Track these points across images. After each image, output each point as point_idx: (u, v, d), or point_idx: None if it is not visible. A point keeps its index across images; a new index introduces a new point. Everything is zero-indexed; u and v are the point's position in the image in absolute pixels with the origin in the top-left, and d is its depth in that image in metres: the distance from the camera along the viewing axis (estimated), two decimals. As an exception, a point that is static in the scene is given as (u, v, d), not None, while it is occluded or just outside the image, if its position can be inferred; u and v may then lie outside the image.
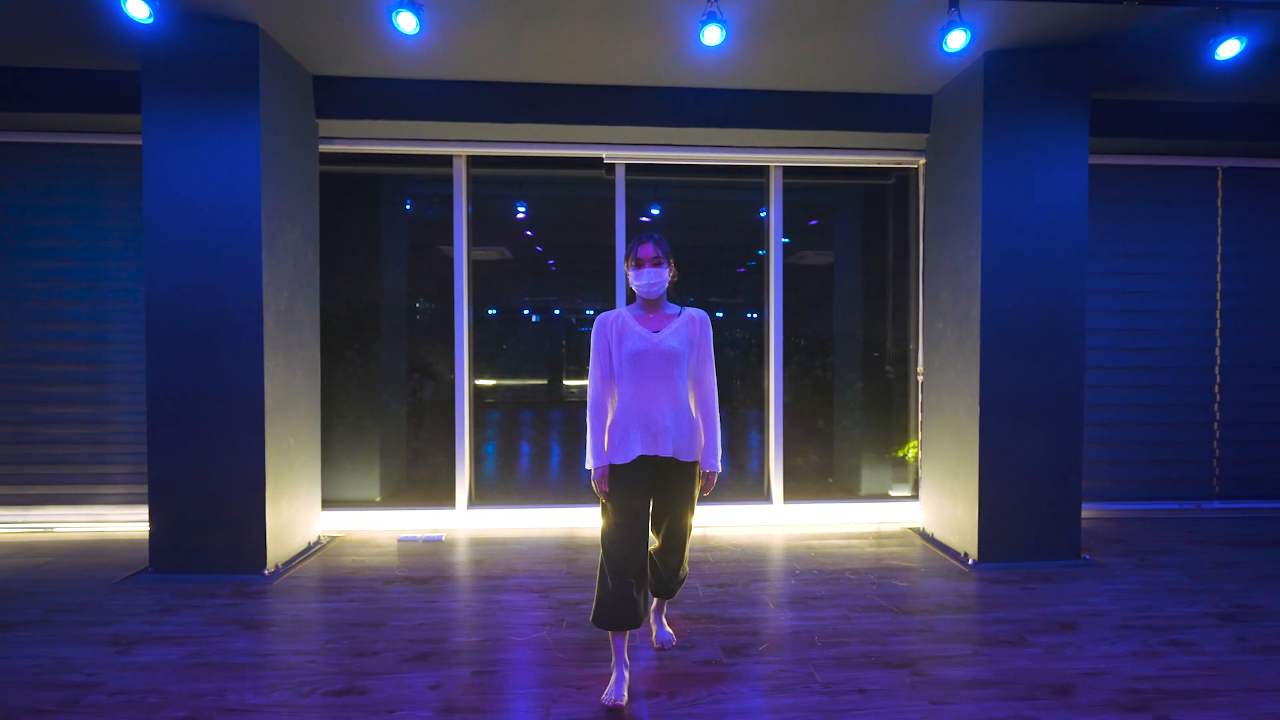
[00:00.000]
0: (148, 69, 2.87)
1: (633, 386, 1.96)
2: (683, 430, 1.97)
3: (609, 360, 2.01)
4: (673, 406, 1.96)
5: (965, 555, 3.22)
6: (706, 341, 2.07)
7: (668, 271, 2.02)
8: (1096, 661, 2.16)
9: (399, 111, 3.48)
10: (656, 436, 1.93)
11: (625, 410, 1.97)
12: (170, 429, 2.90)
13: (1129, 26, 2.86)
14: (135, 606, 2.60)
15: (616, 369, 2.00)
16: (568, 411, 4.59)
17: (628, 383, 1.97)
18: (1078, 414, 3.14)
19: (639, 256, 2.01)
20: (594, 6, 2.73)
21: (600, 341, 2.02)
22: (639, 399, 1.95)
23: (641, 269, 2.01)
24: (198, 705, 1.89)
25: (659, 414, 1.94)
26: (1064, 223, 3.11)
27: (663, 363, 1.95)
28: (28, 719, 1.81)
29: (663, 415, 1.94)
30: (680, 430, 1.97)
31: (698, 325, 2.05)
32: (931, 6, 2.72)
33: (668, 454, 1.94)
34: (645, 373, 1.95)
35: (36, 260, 3.61)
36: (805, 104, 3.60)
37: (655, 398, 1.95)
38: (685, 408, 2.00)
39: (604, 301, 4.14)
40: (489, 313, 4.21)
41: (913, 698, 1.93)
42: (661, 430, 1.94)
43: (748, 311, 4.29)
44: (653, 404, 1.94)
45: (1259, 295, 4.09)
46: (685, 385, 2.02)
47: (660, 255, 2.00)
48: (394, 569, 3.09)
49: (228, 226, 2.88)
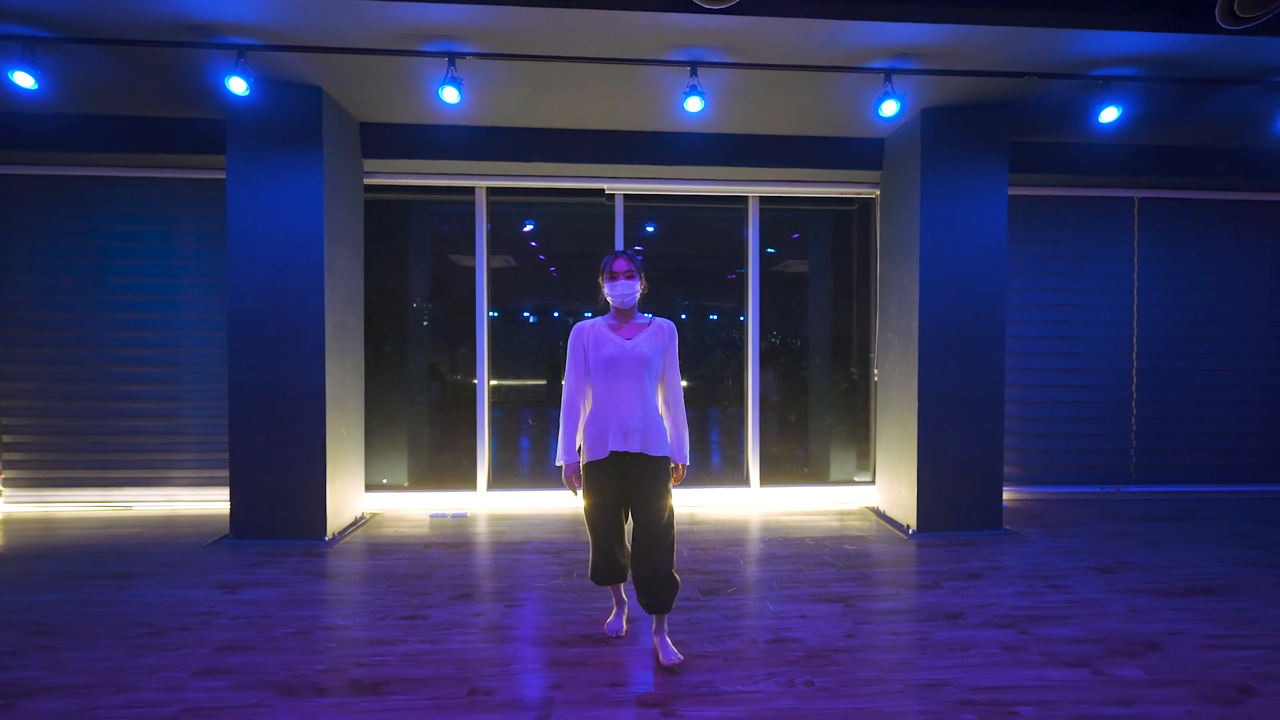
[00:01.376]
0: (231, 122, 3.48)
1: (605, 389, 2.17)
2: (650, 428, 2.16)
3: (584, 365, 2.22)
4: (642, 407, 2.16)
5: (907, 527, 3.85)
6: (673, 348, 2.27)
7: (639, 284, 2.22)
8: (988, 598, 2.79)
9: (431, 152, 4.09)
10: (627, 435, 2.13)
11: (599, 411, 2.17)
12: (248, 421, 3.52)
13: (1032, 93, 3.50)
14: (228, 562, 3.21)
15: (592, 373, 2.20)
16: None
17: (601, 385, 2.18)
18: (999, 410, 3.78)
19: (613, 270, 2.22)
20: (599, 76, 3.36)
21: (577, 348, 2.23)
22: (612, 400, 2.15)
23: (616, 281, 2.21)
24: (300, 624, 2.51)
25: (630, 414, 2.14)
26: (987, 250, 3.75)
27: (634, 367, 2.15)
28: (175, 635, 2.43)
29: (633, 416, 2.14)
30: (648, 429, 2.15)
31: (666, 333, 2.26)
32: (873, 78, 3.35)
33: (636, 450, 2.14)
34: (618, 376, 2.15)
35: (119, 276, 4.21)
36: (778, 145, 4.23)
37: (627, 399, 2.14)
38: (653, 408, 2.20)
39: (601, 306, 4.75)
40: (491, 315, 4.80)
41: (841, 621, 2.56)
42: (631, 430, 2.13)
43: (739, 314, 4.90)
44: (625, 405, 2.14)
45: (1170, 307, 4.74)
46: (654, 388, 2.23)
47: (633, 269, 2.21)
48: (430, 537, 3.70)
49: (296, 254, 3.50)
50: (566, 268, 5.06)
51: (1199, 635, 2.44)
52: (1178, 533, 3.78)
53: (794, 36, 2.95)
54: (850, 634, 2.45)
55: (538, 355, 4.99)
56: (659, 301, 4.92)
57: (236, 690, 2.03)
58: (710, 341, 4.98)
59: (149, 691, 2.03)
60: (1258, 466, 4.77)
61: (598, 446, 2.16)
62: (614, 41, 3.00)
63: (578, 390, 2.24)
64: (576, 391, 2.24)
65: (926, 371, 3.75)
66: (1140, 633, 2.46)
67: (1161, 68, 3.23)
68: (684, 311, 5.01)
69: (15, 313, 4.18)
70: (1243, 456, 4.77)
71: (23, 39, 2.91)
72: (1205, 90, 3.47)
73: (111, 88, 3.48)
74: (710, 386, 4.95)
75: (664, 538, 2.15)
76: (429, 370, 4.74)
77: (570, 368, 2.25)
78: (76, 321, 4.20)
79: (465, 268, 4.55)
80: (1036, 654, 2.29)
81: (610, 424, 2.15)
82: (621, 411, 2.14)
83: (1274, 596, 2.81)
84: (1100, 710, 1.93)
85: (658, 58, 3.14)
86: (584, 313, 5.03)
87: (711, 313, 5.00)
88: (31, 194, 4.16)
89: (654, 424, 2.18)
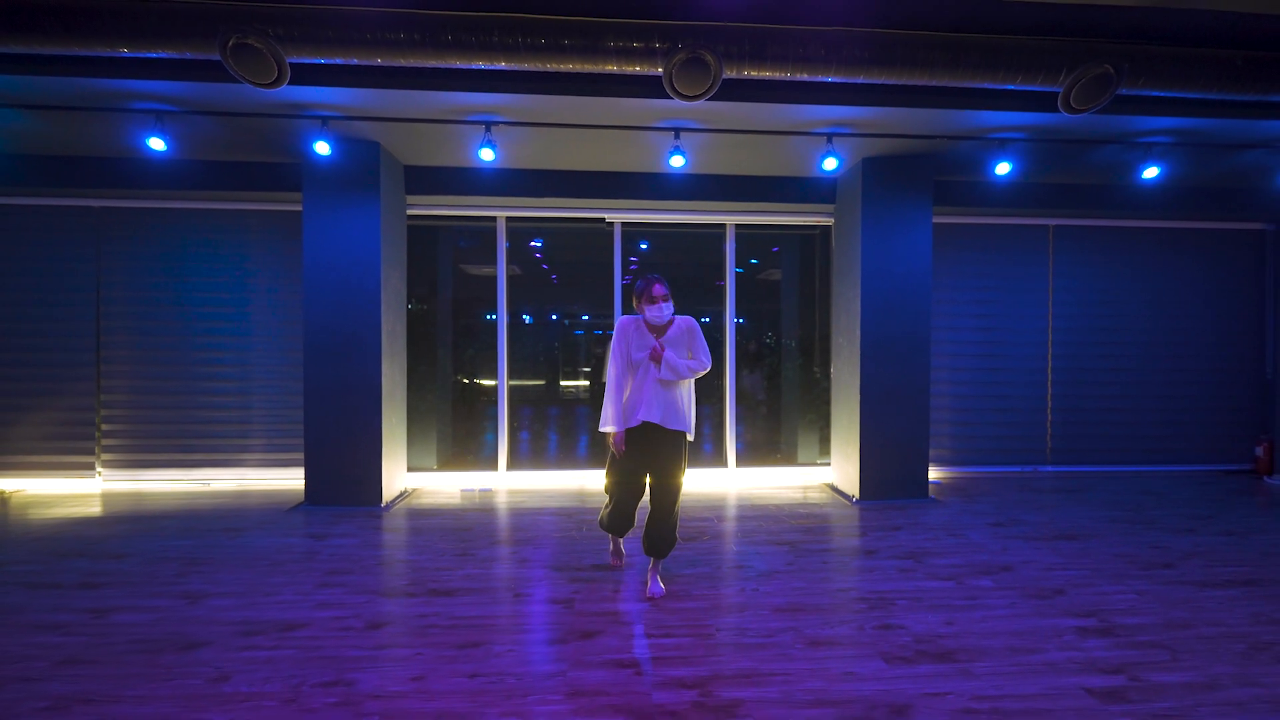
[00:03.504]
0: (306, 169, 4.33)
1: (640, 379, 2.82)
2: (669, 410, 2.80)
3: (625, 358, 2.84)
4: (665, 395, 2.80)
5: (852, 496, 4.74)
6: (697, 338, 2.85)
7: (672, 305, 2.86)
8: (899, 542, 3.67)
9: (462, 189, 4.94)
10: (652, 411, 2.78)
11: (634, 394, 2.82)
12: (320, 411, 4.36)
13: (947, 149, 4.41)
14: (310, 521, 4.06)
15: (631, 365, 2.83)
16: (563, 408, 6.06)
17: (637, 376, 2.83)
18: (925, 402, 4.67)
19: (653, 294, 2.77)
20: (602, 137, 4.22)
21: (621, 343, 2.83)
22: (645, 388, 2.80)
23: (655, 304, 2.78)
24: (381, 559, 3.36)
25: (654, 399, 2.78)
26: (915, 273, 4.64)
27: (662, 367, 2.79)
28: (290, 565, 3.27)
29: (658, 400, 2.78)
30: (669, 410, 2.80)
31: (687, 331, 2.86)
32: (818, 139, 4.23)
33: (656, 420, 2.78)
34: (649, 371, 2.80)
35: (200, 291, 5.04)
36: (749, 184, 5.11)
37: (655, 389, 2.79)
38: (674, 396, 2.81)
39: (596, 309, 5.62)
40: (487, 317, 5.59)
41: (785, 556, 3.44)
42: (654, 408, 2.78)
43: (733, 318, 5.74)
44: (652, 392, 2.79)
45: (1080, 316, 5.65)
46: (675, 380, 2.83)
47: (669, 293, 2.82)
48: (464, 505, 4.56)
49: (358, 276, 4.35)
50: (566, 276, 5.85)
51: (1044, 563, 3.33)
52: (1072, 500, 4.68)
53: (754, 114, 3.84)
54: (790, 563, 3.32)
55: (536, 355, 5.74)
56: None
57: (349, 594, 2.88)
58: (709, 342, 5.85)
59: (287, 595, 2.87)
60: (1150, 450, 5.69)
61: (632, 418, 2.81)
62: (615, 116, 3.87)
63: (622, 375, 2.84)
64: (621, 376, 2.84)
65: (867, 371, 4.64)
66: (1001, 561, 3.34)
67: (1040, 133, 4.14)
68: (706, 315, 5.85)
69: (114, 322, 5.00)
70: (1138, 442, 5.68)
71: (156, 112, 3.75)
72: (1082, 148, 4.38)
73: (211, 142, 4.32)
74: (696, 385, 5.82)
75: (674, 510, 2.83)
76: (453, 370, 5.59)
77: (614, 358, 2.85)
78: (164, 329, 5.03)
79: (477, 276, 5.39)
80: (921, 574, 3.17)
81: (641, 404, 2.80)
82: (650, 397, 2.78)
83: (1116, 541, 3.71)
84: (954, 602, 2.81)
85: (649, 125, 4.02)
86: (581, 315, 5.88)
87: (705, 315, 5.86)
88: (130, 222, 4.99)
89: (673, 407, 2.82)
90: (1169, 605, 2.79)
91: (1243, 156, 4.59)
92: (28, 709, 1.97)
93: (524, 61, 3.17)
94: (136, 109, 3.75)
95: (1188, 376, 5.72)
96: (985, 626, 2.57)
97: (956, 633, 2.51)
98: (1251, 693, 2.09)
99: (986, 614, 2.69)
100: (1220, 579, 3.10)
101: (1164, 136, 4.23)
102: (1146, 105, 3.81)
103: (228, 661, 2.27)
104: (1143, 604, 2.80)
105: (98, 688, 2.10)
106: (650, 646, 2.39)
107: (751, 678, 2.17)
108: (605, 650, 2.36)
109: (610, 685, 2.12)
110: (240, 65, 2.97)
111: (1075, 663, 2.28)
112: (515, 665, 2.25)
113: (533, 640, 2.45)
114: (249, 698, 2.04)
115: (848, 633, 2.52)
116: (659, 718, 1.94)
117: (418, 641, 2.43)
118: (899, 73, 3.27)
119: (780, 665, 2.26)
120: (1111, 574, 3.16)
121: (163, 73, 3.36)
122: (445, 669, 2.22)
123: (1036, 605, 2.79)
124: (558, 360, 5.90)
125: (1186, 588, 2.99)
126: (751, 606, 2.77)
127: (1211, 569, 3.24)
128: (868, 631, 2.53)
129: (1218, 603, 2.82)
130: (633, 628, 2.55)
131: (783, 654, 2.34)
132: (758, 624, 2.59)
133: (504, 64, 3.18)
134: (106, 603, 2.78)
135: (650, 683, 2.14)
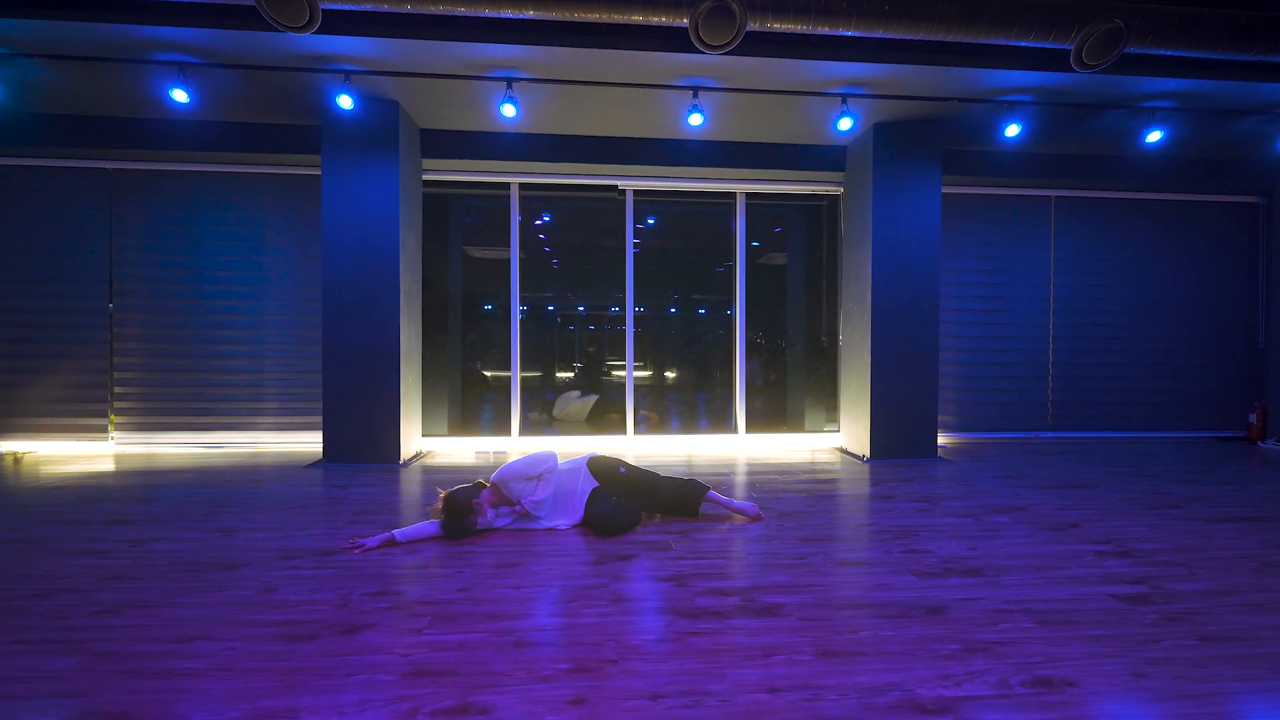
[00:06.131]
0: (326, 129, 4.34)
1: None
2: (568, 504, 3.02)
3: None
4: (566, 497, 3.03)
5: (863, 456, 4.82)
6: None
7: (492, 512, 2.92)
8: (913, 489, 3.76)
9: (477, 153, 4.97)
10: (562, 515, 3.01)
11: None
12: (338, 369, 4.38)
13: (958, 113, 4.50)
14: (330, 476, 4.08)
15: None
16: (569, 384, 6.11)
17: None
18: (934, 364, 4.77)
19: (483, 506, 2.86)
20: (621, 97, 4.27)
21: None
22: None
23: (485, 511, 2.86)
24: (399, 503, 3.40)
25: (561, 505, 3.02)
26: (925, 237, 4.73)
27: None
28: (318, 508, 3.29)
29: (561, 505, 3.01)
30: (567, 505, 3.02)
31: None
32: (833, 100, 4.31)
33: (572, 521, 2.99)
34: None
35: (214, 255, 5.04)
36: (761, 151, 5.18)
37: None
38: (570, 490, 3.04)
39: (601, 299, 5.67)
40: (485, 308, 5.61)
41: (806, 502, 3.51)
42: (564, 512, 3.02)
43: (726, 308, 5.82)
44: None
45: (1080, 286, 5.77)
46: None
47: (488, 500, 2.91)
48: (479, 464, 4.59)
49: (377, 235, 4.37)
50: (567, 261, 5.88)
51: (1053, 505, 3.42)
52: (1075, 460, 4.79)
53: (773, 71, 3.91)
54: (811, 506, 3.40)
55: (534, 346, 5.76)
56: (653, 294, 5.85)
57: (379, 529, 2.92)
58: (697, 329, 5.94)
59: (319, 529, 2.91)
60: (1146, 417, 5.83)
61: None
62: (636, 72, 3.92)
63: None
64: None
65: (878, 334, 4.73)
66: (1013, 504, 3.44)
67: (1050, 95, 4.24)
68: (674, 305, 5.91)
69: (127, 285, 4.99)
70: (1135, 409, 5.82)
71: (179, 64, 3.76)
72: (1087, 112, 4.49)
73: (231, 100, 4.32)
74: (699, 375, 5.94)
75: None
76: (462, 343, 5.62)
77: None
78: (178, 292, 5.02)
79: (482, 259, 5.44)
80: (939, 513, 3.25)
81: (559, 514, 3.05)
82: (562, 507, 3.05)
83: (1121, 489, 3.82)
84: (974, 533, 2.90)
85: (668, 83, 4.08)
86: (578, 307, 5.93)
87: (701, 306, 5.92)
88: (142, 184, 4.98)
89: (570, 501, 3.04)
90: (1180, 535, 2.89)
91: (1240, 124, 4.72)
92: (82, 613, 2.00)
93: (550, 10, 3.22)
94: (159, 60, 3.75)
95: (1183, 346, 5.87)
96: (1007, 550, 2.66)
97: (980, 555, 2.60)
98: (1270, 596, 2.19)
99: (1006, 541, 2.78)
100: (1225, 516, 3.21)
101: (1166, 101, 4.35)
102: (1151, 65, 3.92)
103: (274, 579, 2.30)
104: (1155, 534, 2.90)
105: (149, 596, 2.13)
106: (686, 566, 2.45)
107: (788, 589, 2.24)
108: (642, 570, 2.42)
109: (653, 594, 2.18)
110: (273, 6, 3.00)
111: (1098, 576, 2.36)
112: (557, 579, 2.31)
113: (571, 561, 2.50)
114: (300, 604, 2.08)
115: (876, 555, 2.59)
116: (705, 617, 2.00)
117: (458, 564, 2.47)
118: (917, 26, 3.35)
119: (814, 579, 2.32)
120: (1120, 513, 3.26)
121: (191, 19, 3.37)
122: (489, 582, 2.27)
123: (1053, 535, 2.88)
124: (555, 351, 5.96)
125: (1195, 523, 3.09)
126: (778, 538, 2.83)
127: (1217, 509, 3.35)
128: (895, 555, 2.60)
129: (1225, 533, 2.92)
130: (665, 553, 2.61)
131: (815, 571, 2.41)
132: (787, 550, 2.66)
133: (531, 12, 3.23)
134: (142, 535, 2.80)
135: (692, 591, 2.20)
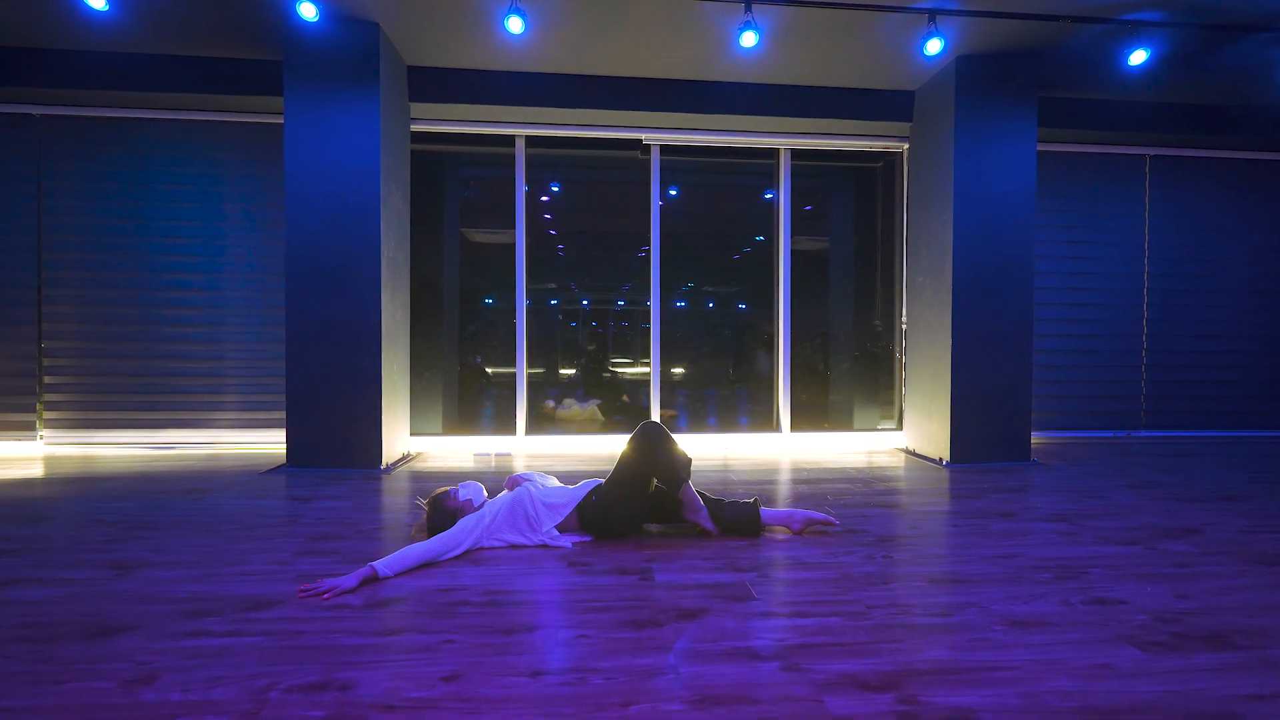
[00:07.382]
0: (289, 59, 3.53)
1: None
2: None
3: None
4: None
5: (940, 459, 4.01)
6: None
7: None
8: (1032, 504, 2.95)
9: (475, 96, 4.16)
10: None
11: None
12: (305, 353, 3.57)
13: (1063, 39, 3.67)
14: (293, 484, 3.27)
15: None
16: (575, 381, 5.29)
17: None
18: (1027, 345, 3.95)
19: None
20: (654, 14, 3.46)
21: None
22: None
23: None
24: (382, 522, 2.60)
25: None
26: (1017, 193, 3.92)
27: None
28: (266, 530, 2.49)
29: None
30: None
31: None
32: (914, 21, 3.49)
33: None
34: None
35: (163, 219, 4.24)
36: (811, 96, 4.36)
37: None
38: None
39: (611, 290, 4.85)
40: (485, 302, 4.74)
41: (900, 519, 2.70)
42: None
43: (738, 302, 4.97)
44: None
45: (1179, 261, 4.96)
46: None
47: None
48: (480, 469, 3.79)
49: (354, 189, 3.56)
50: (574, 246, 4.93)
51: (1232, 525, 2.61)
52: (1191, 465, 3.98)
53: (848, -28, 3.08)
54: (913, 527, 2.59)
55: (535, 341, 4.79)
56: (669, 286, 5.03)
57: (341, 563, 2.12)
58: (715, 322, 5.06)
59: (258, 565, 2.10)
60: (1257, 413, 5.01)
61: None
62: (675, -25, 3.10)
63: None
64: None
65: (959, 309, 3.91)
66: (1179, 524, 2.63)
67: (1185, 13, 3.42)
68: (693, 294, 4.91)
69: (57, 254, 4.19)
70: (1244, 403, 5.00)
71: (95, -40, 2.95)
72: (1223, 38, 3.66)
73: (174, 22, 3.51)
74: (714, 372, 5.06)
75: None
76: (460, 332, 4.79)
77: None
78: (119, 263, 4.22)
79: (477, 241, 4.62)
80: (1090, 538, 2.44)
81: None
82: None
83: (1294, 502, 3.01)
84: (1163, 570, 2.09)
85: (713, -6, 3.26)
86: (582, 300, 5.03)
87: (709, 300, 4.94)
88: (77, 135, 4.17)
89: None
90: None
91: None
92: None
93: None
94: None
95: (1297, 331, 5.05)
96: (1230, 599, 1.85)
97: (1202, 608, 1.79)
98: None
99: (1217, 584, 1.97)
100: None
101: (1327, 22, 3.52)
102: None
103: (160, 655, 1.49)
104: None
105: (-58, 695, 1.32)
106: (783, 629, 1.65)
107: (961, 675, 1.43)
108: (721, 635, 1.61)
109: (750, 687, 1.37)
110: None
111: None
112: (598, 654, 1.50)
113: (612, 618, 1.70)
114: (185, 708, 1.27)
115: (1053, 610, 1.78)
116: (851, 739, 1.20)
117: (445, 624, 1.67)
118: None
119: (990, 655, 1.52)
120: (1330, 538, 2.45)
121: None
122: (491, 662, 1.47)
123: (1271, 571, 2.07)
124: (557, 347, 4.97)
125: None
126: (896, 579, 2.03)
127: None
128: (1077, 608, 1.79)
129: None
130: (744, 605, 1.81)
131: (981, 639, 1.60)
132: (918, 599, 1.86)
133: None
134: (3, 574, 2.00)
135: (813, 682, 1.39)
